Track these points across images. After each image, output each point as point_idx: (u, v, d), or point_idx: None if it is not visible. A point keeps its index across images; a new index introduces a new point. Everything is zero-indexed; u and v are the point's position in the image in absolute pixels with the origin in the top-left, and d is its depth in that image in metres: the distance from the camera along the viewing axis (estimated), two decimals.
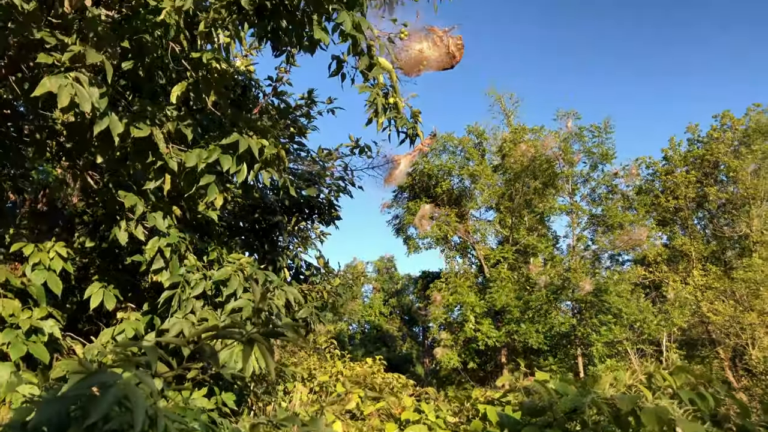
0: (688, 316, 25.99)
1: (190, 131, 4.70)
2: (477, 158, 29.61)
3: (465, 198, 30.47)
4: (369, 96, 4.56)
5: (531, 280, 26.99)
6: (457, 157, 30.08)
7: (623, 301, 25.25)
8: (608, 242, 28.33)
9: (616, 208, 28.66)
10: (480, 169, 28.60)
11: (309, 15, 4.11)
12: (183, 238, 5.16)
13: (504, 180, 29.28)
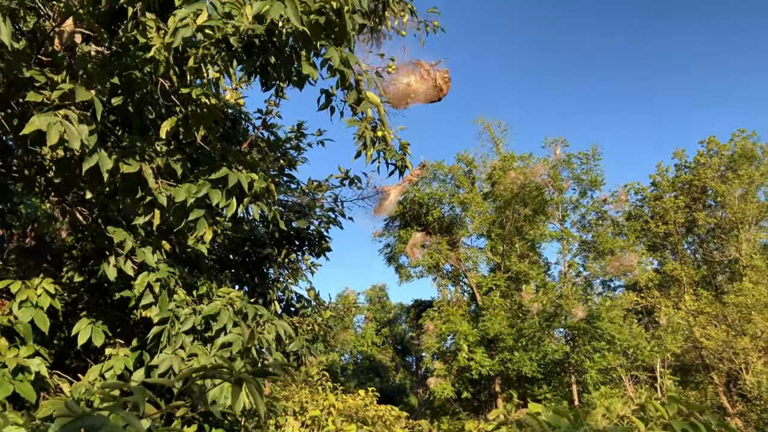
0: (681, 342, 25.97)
1: (180, 166, 4.73)
2: (467, 186, 29.82)
3: (456, 226, 30.59)
4: (358, 129, 4.61)
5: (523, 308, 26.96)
6: (447, 185, 30.29)
7: (616, 327, 25.24)
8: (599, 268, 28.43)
9: (606, 234, 28.84)
10: (470, 196, 28.79)
11: (297, 51, 4.17)
12: (172, 272, 5.14)
13: (494, 207, 29.46)
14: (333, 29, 3.94)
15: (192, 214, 4.52)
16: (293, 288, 7.97)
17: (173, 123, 4.82)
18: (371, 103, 4.66)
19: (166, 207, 4.59)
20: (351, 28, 3.95)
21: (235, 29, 3.69)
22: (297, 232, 7.66)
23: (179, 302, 5.09)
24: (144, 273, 4.98)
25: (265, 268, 7.41)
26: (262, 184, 4.76)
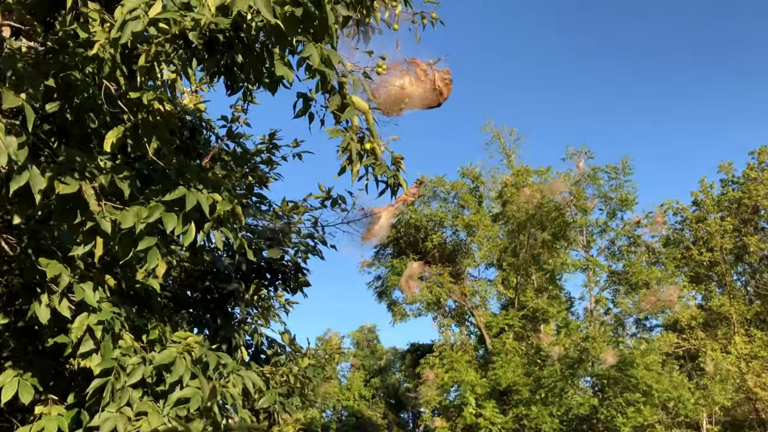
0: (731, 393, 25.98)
1: (128, 185, 4.72)
2: (473, 206, 29.97)
3: (460, 254, 30.66)
4: (342, 141, 4.64)
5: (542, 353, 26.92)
6: (449, 205, 30.45)
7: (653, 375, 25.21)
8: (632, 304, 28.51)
9: (640, 263, 28.98)
10: (477, 218, 28.92)
11: (269, 48, 4.21)
12: (118, 313, 5.10)
13: (506, 231, 29.57)
14: (312, 22, 3.99)
15: (142, 243, 4.51)
16: (264, 331, 7.93)
17: (120, 133, 4.84)
18: (358, 110, 4.69)
19: (111, 234, 4.58)
20: (333, 21, 4.00)
21: (194, 23, 3.73)
22: (268, 264, 7.64)
23: (126, 349, 5.05)
24: (83, 314, 4.95)
25: (229, 307, 7.37)
26: (227, 207, 4.77)
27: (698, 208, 32.26)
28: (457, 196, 30.27)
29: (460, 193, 30.13)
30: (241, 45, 4.06)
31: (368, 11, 4.89)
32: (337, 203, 7.83)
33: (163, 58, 4.40)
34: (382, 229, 7.72)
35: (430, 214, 29.62)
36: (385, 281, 30.92)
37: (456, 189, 30.15)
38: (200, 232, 4.71)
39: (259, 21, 3.93)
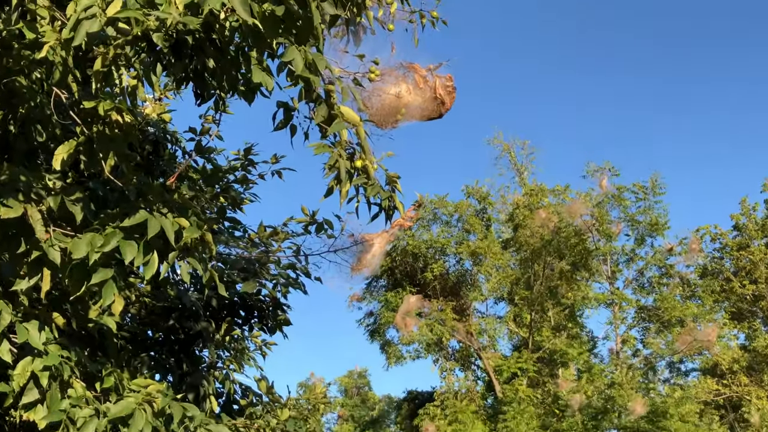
0: None
1: (80, 209, 4.73)
2: (480, 230, 30.04)
3: (465, 286, 30.66)
4: (329, 158, 4.67)
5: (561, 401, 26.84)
6: (452, 229, 30.51)
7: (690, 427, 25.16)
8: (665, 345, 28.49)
9: (674, 297, 29.03)
10: (485, 245, 28.98)
11: (246, 52, 4.25)
12: (67, 357, 5.08)
13: (518, 260, 29.62)
14: (295, 22, 4.02)
15: (96, 275, 4.51)
16: (237, 377, 7.88)
17: (72, 149, 4.85)
18: (347, 122, 4.73)
19: (60, 266, 4.57)
20: (319, 21, 4.04)
21: (159, 23, 3.77)
22: (243, 299, 7.62)
23: (76, 400, 5.03)
24: (27, 359, 4.92)
25: (197, 350, 7.33)
26: (195, 233, 4.78)
27: (740, 234, 32.36)
28: (461, 219, 30.34)
29: (464, 215, 30.20)
30: (213, 48, 4.09)
31: (359, 9, 4.94)
32: (323, 229, 7.82)
33: (123, 62, 4.44)
34: (374, 258, 7.71)
35: (430, 240, 29.64)
36: (377, 318, 30.82)
37: (460, 211, 30.23)
38: (164, 262, 4.71)
39: (233, 21, 3.97)
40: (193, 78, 4.45)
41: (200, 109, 6.57)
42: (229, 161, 8.17)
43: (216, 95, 4.95)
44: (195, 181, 7.43)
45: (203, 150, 7.69)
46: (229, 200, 7.85)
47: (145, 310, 7.28)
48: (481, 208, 31.33)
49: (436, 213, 30.32)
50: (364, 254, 7.63)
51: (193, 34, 3.95)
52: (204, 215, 5.74)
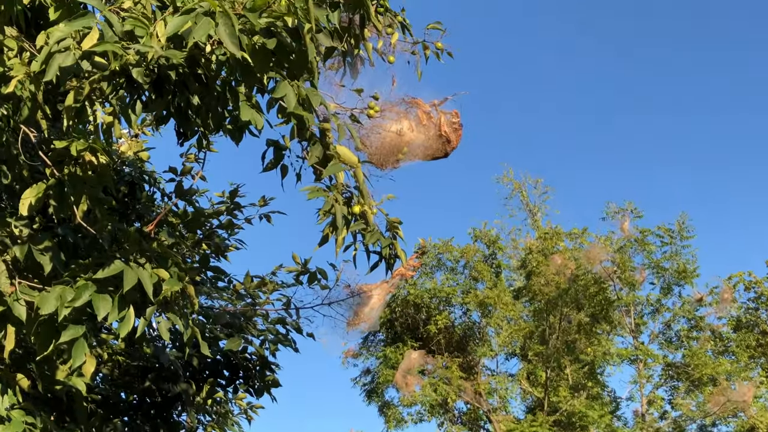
0: None
1: (49, 258, 4.73)
2: (489, 278, 29.97)
3: (473, 340, 30.49)
4: (324, 203, 4.70)
5: None
6: (458, 276, 30.42)
7: None
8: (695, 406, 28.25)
9: (705, 352, 28.86)
10: (494, 294, 28.88)
11: (233, 87, 4.29)
12: (32, 424, 5.06)
13: (532, 311, 29.52)
14: (287, 56, 4.08)
15: (66, 333, 4.50)
16: None
17: (40, 192, 4.86)
18: (344, 163, 4.76)
19: (26, 322, 4.56)
20: (314, 54, 4.09)
21: (140, 57, 3.81)
22: (227, 358, 7.59)
23: None
24: None
25: (175, 414, 7.28)
26: (176, 286, 4.78)
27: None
28: (468, 265, 30.27)
29: (471, 261, 30.15)
30: (198, 84, 4.13)
31: (357, 41, 5.02)
32: (316, 279, 7.82)
33: (98, 97, 4.48)
34: (373, 311, 7.69)
35: (434, 288, 29.54)
36: (375, 376, 30.54)
37: (467, 256, 30.19)
38: (141, 318, 4.71)
39: (220, 54, 4.01)
40: (176, 115, 4.48)
41: (181, 146, 6.62)
42: (213, 204, 8.20)
43: (199, 133, 4.99)
44: (175, 226, 7.45)
45: (184, 192, 7.71)
46: (213, 247, 7.86)
47: (118, 370, 7.25)
48: (490, 254, 31.26)
49: (440, 259, 30.28)
50: (361, 307, 7.62)
51: (176, 69, 3.99)
52: (185, 265, 5.73)
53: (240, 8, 3.94)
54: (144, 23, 3.94)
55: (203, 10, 3.79)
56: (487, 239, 31.25)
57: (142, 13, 4.07)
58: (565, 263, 27.49)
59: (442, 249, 30.10)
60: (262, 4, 3.94)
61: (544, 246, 29.12)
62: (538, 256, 28.72)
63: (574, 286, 27.54)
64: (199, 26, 3.75)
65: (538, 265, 28.35)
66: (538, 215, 32.36)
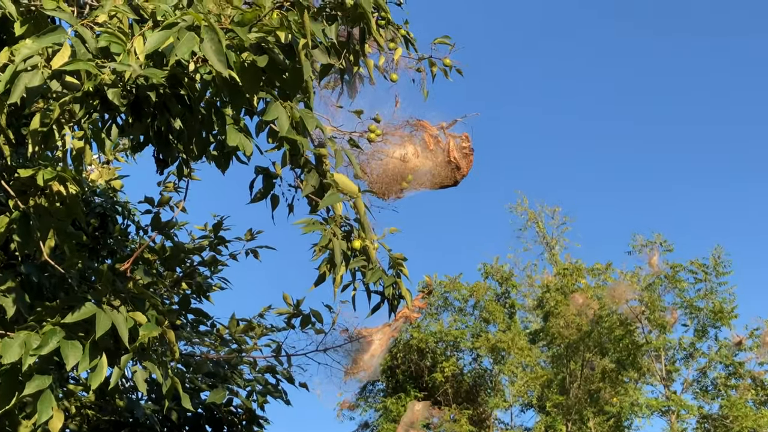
0: None
1: (12, 300, 4.74)
2: (502, 319, 29.92)
3: (484, 389, 30.38)
4: (320, 238, 4.71)
5: None
6: (467, 318, 30.36)
7: None
8: None
9: (745, 402, 28.69)
10: (508, 338, 28.80)
11: (219, 110, 4.32)
12: None
13: (550, 357, 29.43)
14: (280, 74, 4.11)
15: (31, 384, 4.49)
16: None
17: (3, 226, 4.88)
18: (343, 193, 4.78)
19: None
20: (310, 73, 4.12)
21: (116, 76, 3.83)
22: (210, 411, 7.56)
23: None
24: None
25: None
26: (154, 332, 4.78)
27: None
28: (478, 305, 30.23)
29: (482, 301, 30.10)
30: (181, 105, 4.15)
31: (357, 57, 5.05)
32: (310, 322, 7.80)
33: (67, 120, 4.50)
34: (374, 359, 7.67)
35: (440, 332, 29.47)
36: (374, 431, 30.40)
37: (477, 295, 30.15)
38: (115, 367, 4.70)
39: (206, 73, 4.04)
40: (155, 141, 4.50)
41: (160, 174, 6.63)
42: (194, 239, 8.20)
43: (179, 159, 5.01)
44: (152, 263, 7.45)
45: (162, 225, 7.72)
46: (194, 287, 7.86)
47: (87, 426, 7.21)
48: (503, 292, 31.21)
49: (446, 298, 30.24)
50: (360, 354, 7.60)
51: (156, 90, 4.01)
52: (164, 307, 5.73)
53: (227, 22, 3.98)
54: (121, 39, 3.96)
55: (186, 24, 3.81)
56: (499, 276, 31.21)
57: (119, 28, 4.09)
58: (587, 303, 27.42)
59: (449, 287, 30.07)
60: (252, 18, 3.98)
61: (564, 283, 29.07)
62: (556, 295, 28.65)
63: (597, 328, 27.46)
64: (181, 42, 3.78)
65: (556, 304, 28.27)
66: (556, 249, 32.34)
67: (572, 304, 27.61)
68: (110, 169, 8.34)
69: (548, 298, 29.06)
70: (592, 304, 27.41)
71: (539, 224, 32.70)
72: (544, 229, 32.73)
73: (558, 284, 29.29)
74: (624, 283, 28.62)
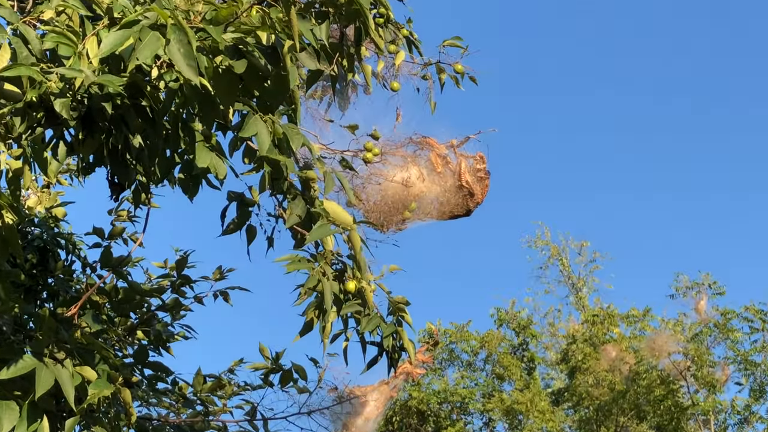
0: None
1: None
2: (519, 376, 29.85)
3: None
4: (307, 279, 4.69)
5: None
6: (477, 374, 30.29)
7: None
8: None
9: None
10: (526, 398, 28.73)
11: (188, 124, 4.31)
12: None
13: (577, 421, 29.34)
14: (260, 82, 4.11)
15: None
16: None
17: None
18: (334, 224, 4.77)
19: None
20: (296, 81, 4.12)
21: (65, 84, 3.83)
22: None
23: None
24: None
25: None
26: (105, 390, 4.77)
27: None
28: (490, 359, 30.17)
29: (495, 353, 30.03)
30: (141, 119, 4.15)
31: (351, 62, 5.06)
32: (292, 379, 7.78)
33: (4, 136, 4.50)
34: (368, 423, 7.65)
35: (445, 391, 29.37)
36: None
37: (489, 347, 30.07)
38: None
39: (172, 81, 4.03)
40: (109, 161, 4.49)
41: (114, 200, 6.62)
42: (153, 278, 8.17)
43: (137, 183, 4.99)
44: (102, 308, 7.42)
45: (114, 261, 7.70)
46: (152, 336, 7.82)
47: None
48: (520, 343, 31.12)
49: (453, 350, 30.15)
50: (352, 417, 7.58)
51: (112, 100, 4.00)
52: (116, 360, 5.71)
53: (198, 20, 3.97)
54: (70, 40, 3.96)
55: (149, 22, 3.81)
56: (515, 323, 31.15)
57: (68, 27, 4.09)
58: (620, 356, 27.38)
59: (455, 337, 29.97)
60: (227, 15, 3.97)
61: (593, 333, 29.02)
62: (584, 347, 28.61)
63: (633, 387, 27.42)
64: (143, 44, 3.78)
65: (584, 358, 28.23)
66: (583, 291, 32.31)
67: (603, 358, 27.55)
68: (51, 194, 8.30)
69: (574, 351, 29.02)
70: (627, 358, 27.35)
71: (563, 261, 32.69)
72: (569, 267, 32.73)
73: (586, 334, 29.24)
74: (665, 332, 28.56)
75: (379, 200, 5.56)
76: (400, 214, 5.62)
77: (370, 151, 5.50)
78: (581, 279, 32.53)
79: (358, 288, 4.79)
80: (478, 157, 5.81)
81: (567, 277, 32.60)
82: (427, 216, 5.76)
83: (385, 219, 5.57)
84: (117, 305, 7.57)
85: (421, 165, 5.71)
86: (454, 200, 5.74)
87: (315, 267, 4.73)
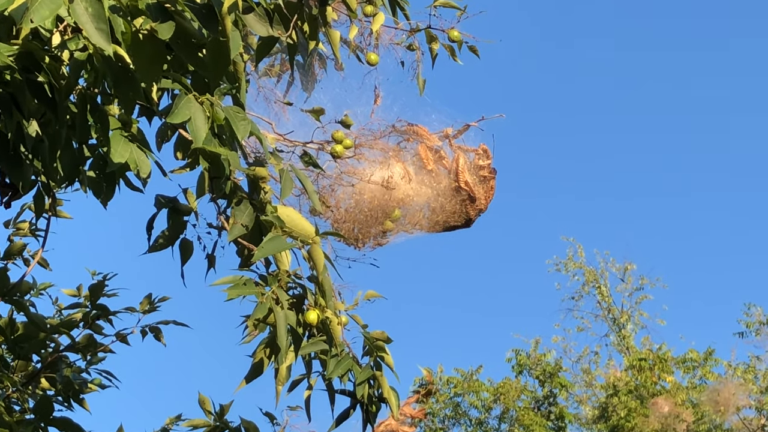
0: None
1: None
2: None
3: None
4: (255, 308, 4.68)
5: None
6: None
7: None
8: None
9: None
10: None
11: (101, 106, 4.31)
12: None
13: None
14: (194, 53, 4.11)
15: None
16: None
17: None
18: (292, 237, 4.77)
19: None
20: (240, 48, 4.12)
21: None
22: None
23: None
24: None
25: None
26: None
27: None
28: (507, 415, 30.24)
29: (513, 408, 30.10)
30: (39, 100, 4.15)
31: (314, 27, 5.05)
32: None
33: None
34: None
35: None
36: None
37: (505, 400, 30.16)
38: None
39: (78, 49, 4.03)
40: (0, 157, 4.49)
41: (6, 207, 6.63)
42: (61, 309, 8.17)
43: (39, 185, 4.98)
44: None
45: (10, 288, 7.70)
46: (60, 385, 7.82)
47: None
48: (546, 395, 31.21)
49: (458, 404, 30.23)
50: None
51: (1, 75, 4.01)
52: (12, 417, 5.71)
53: None
54: None
55: None
56: (539, 370, 31.21)
57: None
58: (675, 412, 27.47)
59: (462, 387, 30.05)
60: None
61: (640, 382, 29.11)
62: (628, 400, 28.70)
63: None
64: (39, 2, 3.77)
65: (629, 415, 28.31)
66: (628, 328, 32.34)
67: (653, 414, 27.64)
68: None
69: (616, 405, 29.10)
70: (684, 415, 27.46)
71: (602, 290, 32.72)
72: (609, 297, 32.76)
73: (631, 383, 29.31)
74: (733, 381, 28.65)
75: (353, 207, 5.55)
76: (380, 225, 5.61)
77: (340, 142, 5.48)
78: (625, 312, 32.58)
79: (322, 319, 4.77)
80: (480, 151, 5.80)
81: (607, 309, 32.67)
82: (416, 227, 5.74)
83: (360, 231, 5.56)
84: (14, 345, 7.55)
85: (406, 161, 5.70)
86: (450, 207, 5.72)
87: (265, 292, 4.71)
